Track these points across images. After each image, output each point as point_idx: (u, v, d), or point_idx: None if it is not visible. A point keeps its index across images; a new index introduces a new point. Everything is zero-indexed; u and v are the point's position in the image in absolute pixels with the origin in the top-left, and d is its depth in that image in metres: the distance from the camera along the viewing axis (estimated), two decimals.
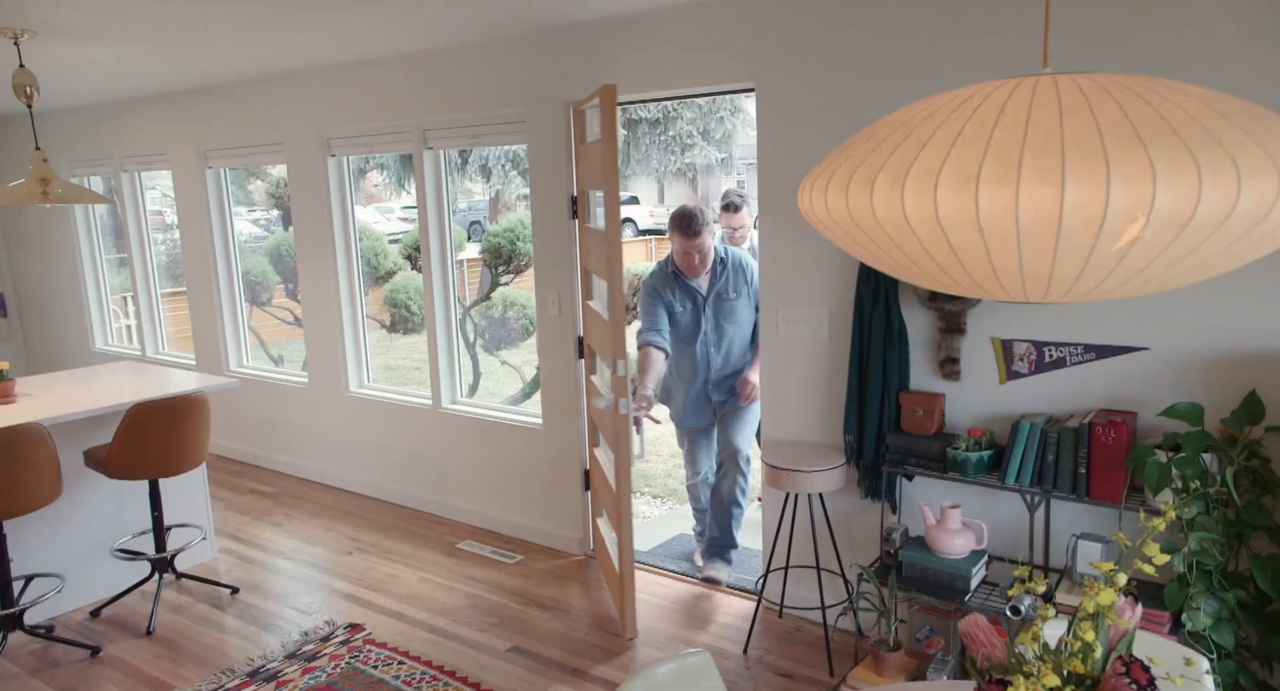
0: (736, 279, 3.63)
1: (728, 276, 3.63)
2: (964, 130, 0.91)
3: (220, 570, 3.98)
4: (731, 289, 3.62)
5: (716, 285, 3.63)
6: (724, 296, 3.62)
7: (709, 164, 13.09)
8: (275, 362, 7.93)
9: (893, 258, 1.01)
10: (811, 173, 1.11)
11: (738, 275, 3.63)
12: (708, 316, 3.64)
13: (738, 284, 3.63)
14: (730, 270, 3.63)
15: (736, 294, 3.63)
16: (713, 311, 3.64)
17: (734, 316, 3.64)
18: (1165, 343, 2.46)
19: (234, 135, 5.04)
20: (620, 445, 3.06)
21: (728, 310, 3.63)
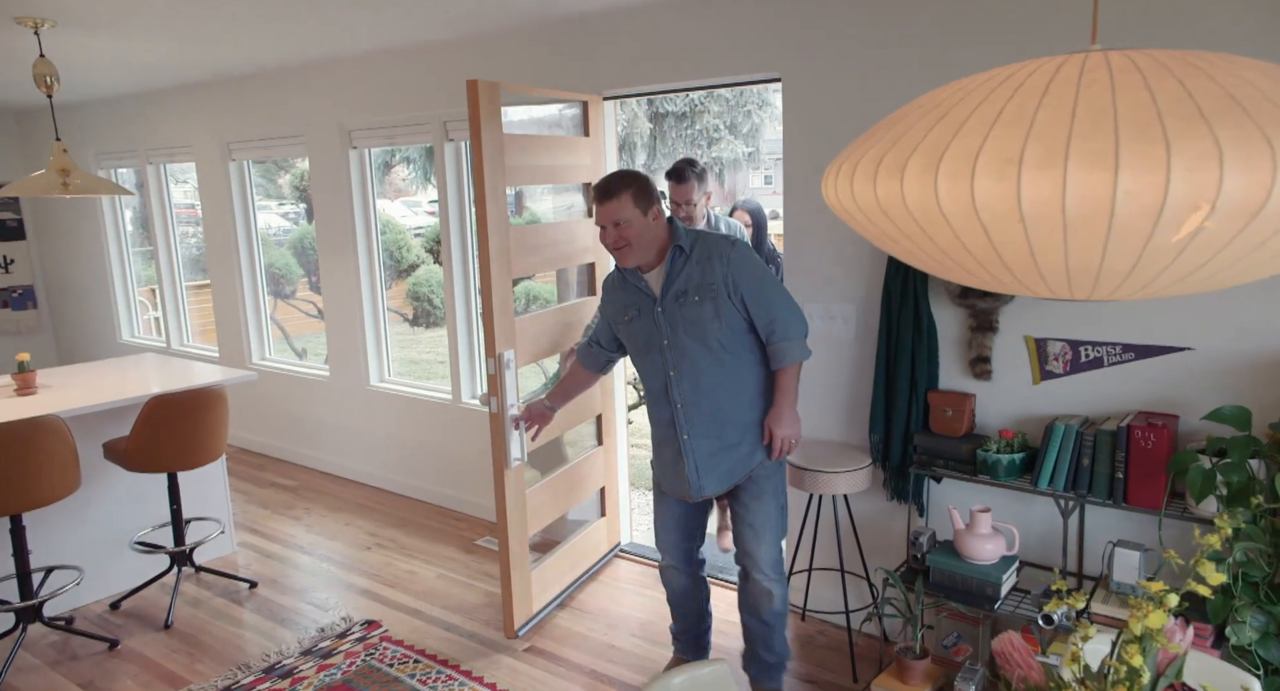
0: (705, 272, 2.42)
1: (688, 269, 2.44)
2: (1004, 111, 0.83)
3: (239, 563, 3.97)
4: (695, 289, 2.42)
5: (674, 283, 2.46)
6: (682, 299, 2.44)
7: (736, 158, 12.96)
8: (299, 355, 7.97)
9: (924, 250, 0.93)
10: (837, 158, 1.03)
11: (708, 267, 2.42)
12: (661, 328, 2.49)
13: (707, 279, 2.41)
14: (694, 260, 2.44)
15: (702, 297, 2.41)
16: (668, 322, 2.47)
17: (700, 330, 2.41)
18: (1209, 342, 2.34)
19: (256, 127, 5.03)
20: (495, 446, 3.00)
21: (690, 320, 2.43)
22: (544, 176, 3.23)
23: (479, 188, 2.83)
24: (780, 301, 2.46)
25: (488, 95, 2.81)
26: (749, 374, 2.51)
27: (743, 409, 2.51)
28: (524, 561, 3.20)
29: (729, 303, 2.43)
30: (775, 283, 2.49)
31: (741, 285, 2.43)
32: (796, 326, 2.46)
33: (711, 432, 2.52)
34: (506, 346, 2.99)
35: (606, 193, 2.42)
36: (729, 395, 2.49)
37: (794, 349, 2.46)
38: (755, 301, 2.43)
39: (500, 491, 3.05)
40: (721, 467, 2.54)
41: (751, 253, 2.50)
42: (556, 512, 3.45)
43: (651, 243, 2.47)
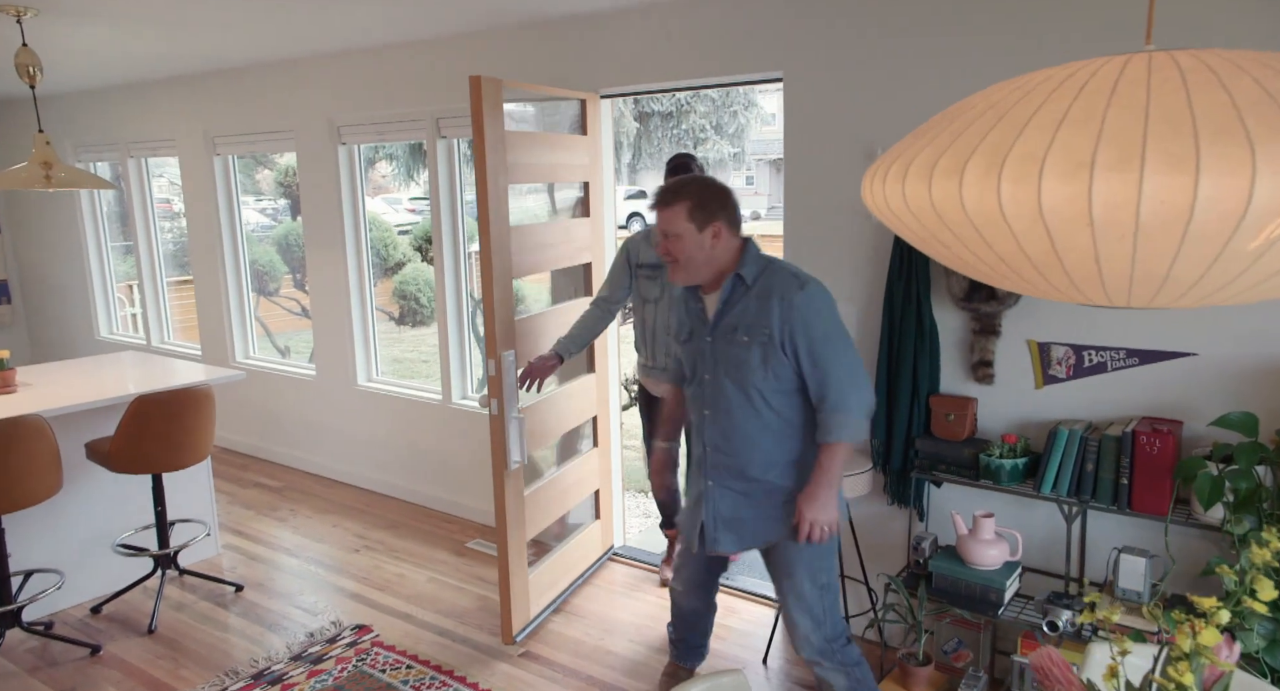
0: (761, 312, 2.11)
1: (745, 302, 2.15)
2: (1070, 111, 0.80)
3: (224, 566, 3.89)
4: (746, 328, 2.14)
5: (726, 316, 2.19)
6: (730, 336, 2.17)
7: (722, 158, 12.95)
8: (282, 353, 7.85)
9: (979, 255, 0.90)
10: (883, 158, 1.00)
11: (765, 306, 2.10)
12: (706, 359, 2.23)
13: (761, 321, 2.11)
14: (754, 294, 2.14)
15: (751, 339, 2.13)
16: (713, 355, 2.21)
17: (741, 375, 2.15)
18: (1214, 348, 2.34)
19: (243, 121, 4.94)
20: (494, 448, 2.96)
21: (733, 361, 2.16)
22: (544, 175, 3.19)
23: (481, 186, 2.78)
24: (841, 365, 2.08)
25: (490, 91, 2.76)
26: (790, 437, 2.19)
27: (774, 473, 2.21)
28: (522, 566, 3.16)
29: (779, 353, 2.11)
30: (843, 341, 2.11)
31: (798, 336, 2.08)
32: (854, 398, 2.08)
33: (737, 487, 2.25)
34: (507, 347, 2.94)
35: (661, 199, 2.18)
36: (762, 455, 2.19)
37: (845, 424, 2.08)
38: (810, 359, 2.09)
39: (500, 494, 3.00)
40: (742, 529, 2.28)
41: (823, 300, 2.10)
42: (553, 516, 3.41)
43: (705, 263, 2.16)
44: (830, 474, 2.12)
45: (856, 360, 2.12)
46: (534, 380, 2.99)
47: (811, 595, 2.25)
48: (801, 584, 2.24)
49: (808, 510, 2.14)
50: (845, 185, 2.93)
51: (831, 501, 2.14)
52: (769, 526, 2.25)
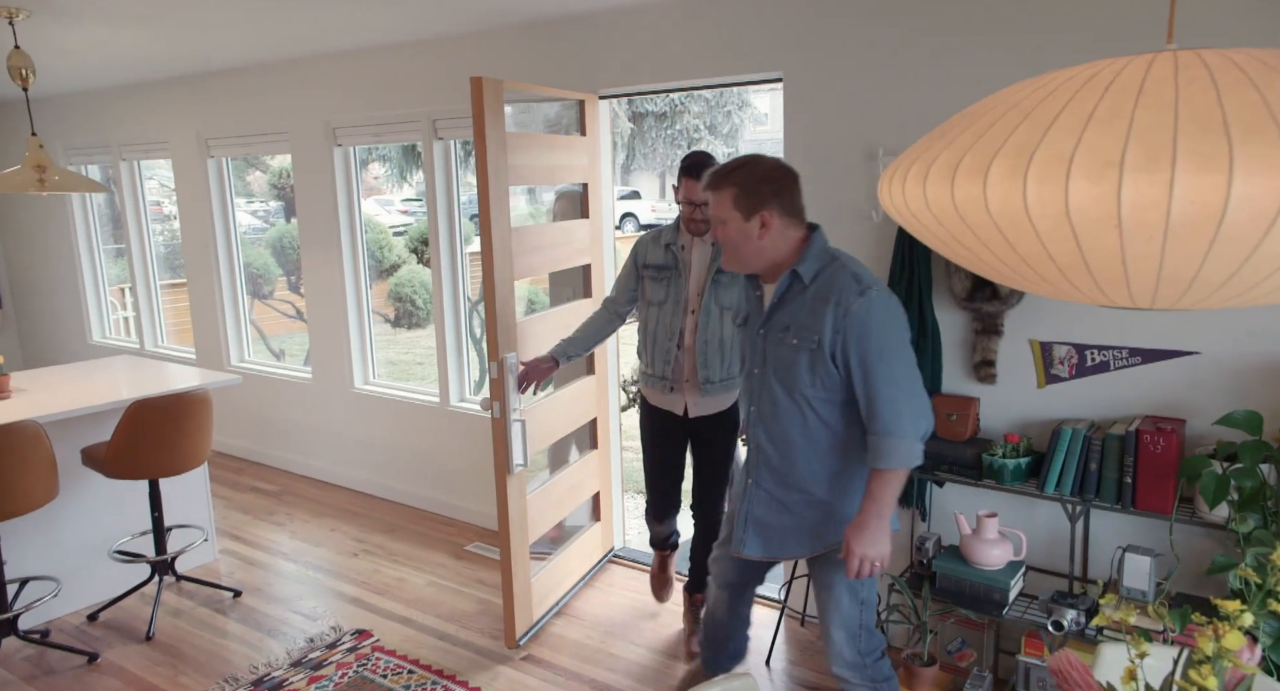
0: (815, 315, 1.94)
1: (800, 302, 1.99)
2: (1097, 111, 0.79)
3: (222, 572, 3.86)
4: (797, 329, 1.97)
5: (778, 313, 2.03)
6: (781, 335, 2.01)
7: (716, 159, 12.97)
8: (276, 356, 7.81)
9: (1001, 257, 0.89)
10: (901, 160, 0.99)
11: (820, 310, 1.94)
12: (757, 351, 2.09)
13: (812, 324, 1.94)
14: (810, 294, 1.97)
15: (801, 343, 1.96)
16: (764, 349, 2.06)
17: (788, 378, 1.99)
18: (1216, 346, 2.34)
19: (237, 123, 4.91)
20: (497, 452, 2.95)
21: (781, 361, 2.01)
22: (544, 176, 3.18)
23: (482, 187, 2.76)
24: (894, 385, 1.88)
25: (492, 92, 2.74)
26: (837, 449, 2.02)
27: (817, 485, 2.05)
28: (525, 569, 3.14)
29: (829, 362, 1.93)
30: (901, 357, 1.90)
31: (850, 348, 1.90)
32: (907, 421, 1.88)
33: (775, 493, 2.11)
34: (509, 350, 2.92)
35: (710, 181, 2.01)
36: (805, 464, 2.04)
37: (895, 449, 1.89)
38: (862, 375, 1.90)
39: (502, 498, 2.98)
40: (772, 536, 2.14)
41: (885, 309, 1.90)
42: (554, 518, 3.39)
43: (755, 255, 1.99)
44: (880, 503, 1.93)
45: (914, 379, 1.92)
46: (529, 383, 2.97)
47: (850, 610, 2.13)
48: (841, 597, 2.12)
49: (856, 544, 1.94)
50: (845, 186, 2.92)
51: (883, 534, 1.95)
52: (800, 540, 2.11)
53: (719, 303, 2.82)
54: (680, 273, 2.87)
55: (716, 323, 2.83)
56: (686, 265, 2.88)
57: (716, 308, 2.82)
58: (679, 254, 2.88)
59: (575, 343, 3.03)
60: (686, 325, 2.87)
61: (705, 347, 2.85)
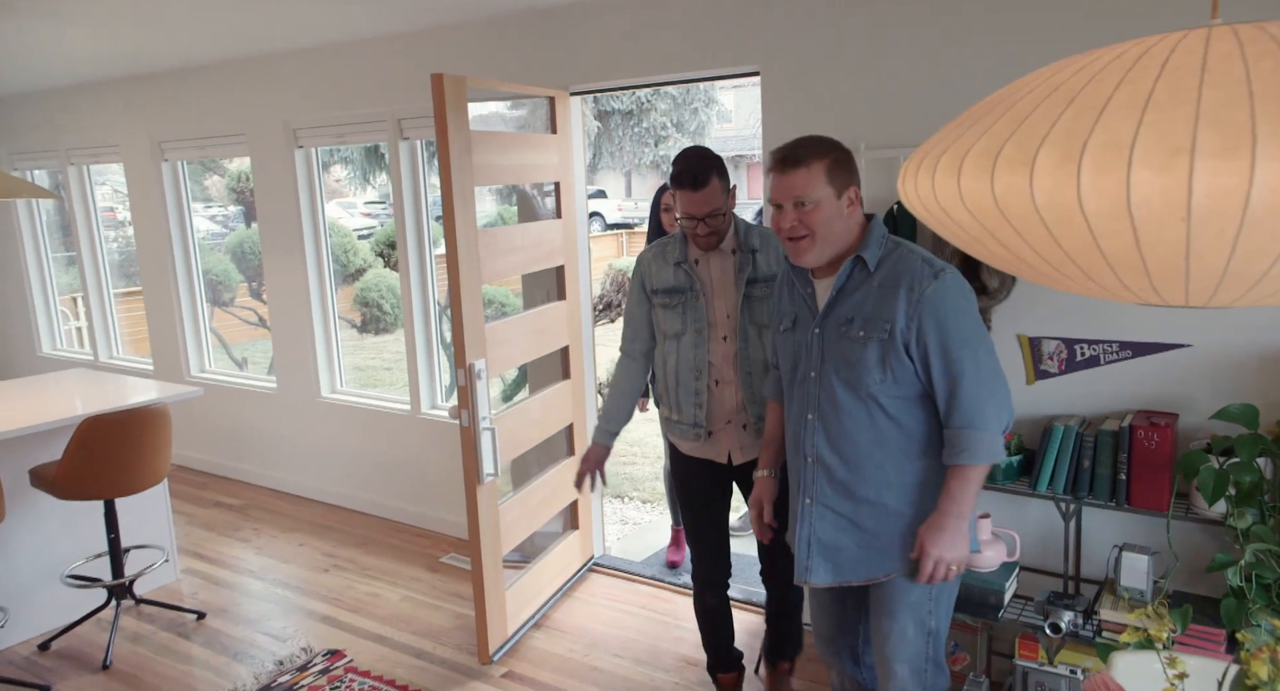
0: (884, 302, 1.79)
1: (865, 290, 1.82)
2: (1156, 93, 0.72)
3: (184, 593, 3.69)
4: (864, 321, 1.81)
5: (841, 305, 1.85)
6: (845, 329, 1.84)
7: None
8: (239, 365, 7.59)
9: (1044, 255, 0.82)
10: (926, 148, 0.91)
11: (890, 296, 1.78)
12: (812, 354, 1.89)
13: (882, 313, 1.79)
14: (876, 281, 1.81)
15: (868, 334, 1.80)
16: (820, 350, 1.88)
17: (854, 375, 1.82)
18: (1208, 338, 2.31)
19: (192, 125, 4.72)
20: (466, 461, 2.82)
21: (845, 358, 1.83)
22: (512, 175, 3.07)
23: (446, 188, 2.65)
24: (978, 372, 1.74)
25: (454, 90, 2.63)
26: (912, 452, 1.84)
27: (890, 495, 1.85)
28: (498, 582, 3.03)
29: (901, 353, 1.77)
30: (982, 343, 1.76)
31: (929, 335, 1.74)
32: (991, 412, 1.75)
33: (842, 509, 1.88)
34: (478, 356, 2.81)
35: (791, 157, 1.77)
36: (875, 471, 1.84)
37: (978, 443, 1.75)
38: (942, 364, 1.75)
39: (472, 509, 2.87)
40: (841, 559, 1.90)
41: (960, 292, 1.76)
42: (529, 528, 3.29)
43: (841, 237, 1.81)
44: (960, 502, 1.77)
45: (996, 366, 1.78)
46: (592, 475, 2.60)
47: (916, 641, 1.90)
48: (906, 627, 1.88)
49: (931, 545, 1.77)
50: None
51: (961, 535, 1.78)
52: (876, 560, 1.87)
53: (755, 321, 2.34)
54: (698, 294, 2.36)
55: (758, 345, 2.34)
56: (706, 284, 2.37)
57: (754, 328, 2.34)
58: (693, 271, 2.37)
59: (612, 415, 2.58)
60: (717, 355, 2.37)
61: (750, 379, 2.35)
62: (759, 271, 2.35)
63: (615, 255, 13.39)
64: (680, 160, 2.31)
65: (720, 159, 2.34)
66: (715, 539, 2.58)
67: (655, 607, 3.43)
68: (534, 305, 3.59)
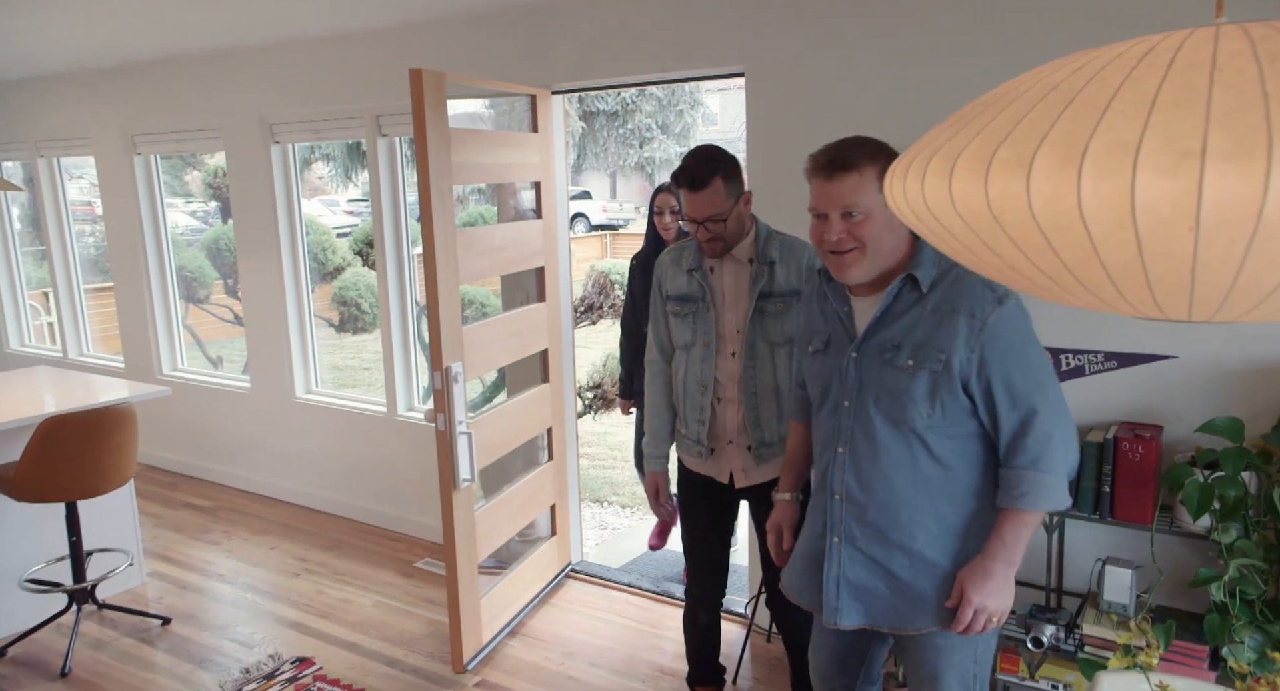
0: (941, 331, 1.59)
1: (915, 313, 1.62)
2: (1162, 92, 0.67)
3: (149, 597, 3.60)
4: (914, 348, 1.60)
5: (885, 328, 1.65)
6: (890, 356, 1.63)
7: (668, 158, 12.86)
8: (214, 364, 7.47)
9: (1040, 266, 0.77)
10: (915, 150, 0.86)
11: (948, 323, 1.58)
12: (847, 381, 1.69)
13: (937, 342, 1.59)
14: (930, 305, 1.61)
15: (919, 363, 1.60)
16: (858, 376, 1.67)
17: (897, 408, 1.62)
18: (1193, 350, 2.29)
19: (166, 119, 4.62)
20: (442, 466, 2.75)
21: (889, 389, 1.63)
22: (492, 175, 3.00)
23: (424, 187, 2.58)
24: (1047, 408, 1.56)
25: (433, 86, 2.57)
26: (954, 496, 1.64)
27: (926, 542, 1.65)
28: (473, 589, 2.97)
29: (957, 387, 1.57)
30: (1050, 376, 1.59)
31: (993, 368, 1.55)
32: (1059, 453, 1.56)
33: (874, 552, 1.69)
34: (455, 358, 2.75)
35: (839, 163, 1.58)
36: (911, 515, 1.64)
37: (1042, 486, 1.55)
38: (1009, 400, 1.56)
39: (448, 515, 2.80)
40: (873, 603, 1.71)
41: (1024, 320, 1.59)
42: (507, 534, 3.22)
43: (890, 253, 1.61)
44: (1012, 548, 1.58)
45: (1063, 404, 1.60)
46: (667, 498, 2.48)
47: None
48: (948, 687, 1.71)
49: (974, 590, 1.57)
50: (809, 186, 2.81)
51: (1009, 584, 1.60)
52: (909, 610, 1.68)
53: (767, 339, 2.17)
54: (709, 305, 2.22)
55: (768, 365, 2.18)
56: (717, 294, 2.22)
57: (765, 346, 2.18)
58: (705, 280, 2.24)
59: (660, 436, 2.42)
60: (723, 372, 2.23)
61: (754, 400, 2.20)
62: (775, 285, 2.16)
63: (599, 257, 13.34)
64: (687, 158, 2.18)
65: (732, 161, 2.16)
66: (714, 558, 2.48)
67: (633, 615, 3.37)
68: (513, 306, 3.53)
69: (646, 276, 3.25)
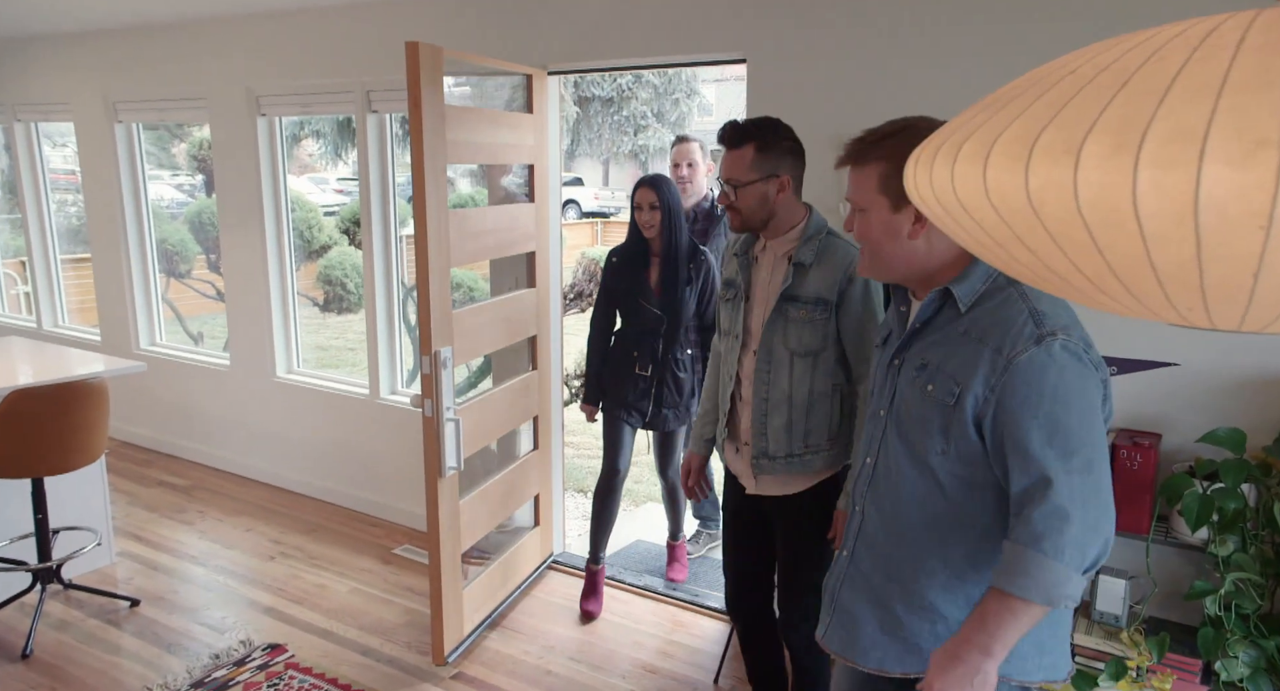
0: (968, 359, 1.36)
1: (949, 333, 1.42)
2: (1231, 75, 0.60)
3: (119, 578, 3.51)
4: (938, 374, 1.41)
5: (919, 343, 1.47)
6: (918, 376, 1.44)
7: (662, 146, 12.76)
8: (195, 340, 7.34)
9: (1080, 265, 0.70)
10: (944, 133, 0.79)
11: (975, 352, 1.35)
12: (886, 390, 1.53)
13: (960, 372, 1.37)
14: (964, 326, 1.39)
15: (940, 389, 1.40)
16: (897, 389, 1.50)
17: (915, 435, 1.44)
18: (1196, 358, 2.24)
19: (149, 86, 4.49)
20: (428, 453, 2.67)
21: (913, 414, 1.45)
22: (486, 155, 2.92)
23: (417, 165, 2.50)
24: (1066, 482, 1.27)
25: (429, 60, 2.47)
26: (968, 542, 1.42)
27: (931, 585, 1.44)
28: (456, 580, 2.90)
29: (969, 428, 1.36)
30: (1084, 441, 1.28)
31: (1007, 418, 1.31)
32: (1070, 539, 1.26)
33: (874, 580, 1.52)
34: (444, 343, 2.67)
35: (850, 154, 1.51)
36: (917, 550, 1.45)
37: (1037, 570, 1.26)
38: (1019, 460, 1.30)
39: (432, 503, 2.73)
40: (859, 633, 1.53)
41: (1073, 369, 1.28)
42: (491, 524, 3.15)
43: (903, 259, 1.44)
44: (991, 636, 1.28)
45: (1098, 482, 1.29)
46: (697, 485, 2.39)
47: None
48: None
49: (937, 674, 1.31)
50: (812, 177, 2.74)
51: (981, 677, 1.29)
52: (898, 651, 1.49)
53: (787, 344, 1.98)
54: (744, 294, 2.09)
55: (784, 371, 1.99)
56: (754, 287, 2.09)
57: (784, 351, 1.98)
58: (748, 267, 2.11)
59: (706, 417, 2.30)
60: (744, 369, 2.09)
61: (764, 406, 2.03)
62: (802, 289, 1.96)
63: (590, 243, 13.23)
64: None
65: (778, 136, 2.00)
66: (734, 563, 2.32)
67: (614, 609, 3.31)
68: (502, 291, 3.45)
69: (622, 271, 3.12)
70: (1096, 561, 1.28)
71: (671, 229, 2.99)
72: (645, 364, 3.10)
